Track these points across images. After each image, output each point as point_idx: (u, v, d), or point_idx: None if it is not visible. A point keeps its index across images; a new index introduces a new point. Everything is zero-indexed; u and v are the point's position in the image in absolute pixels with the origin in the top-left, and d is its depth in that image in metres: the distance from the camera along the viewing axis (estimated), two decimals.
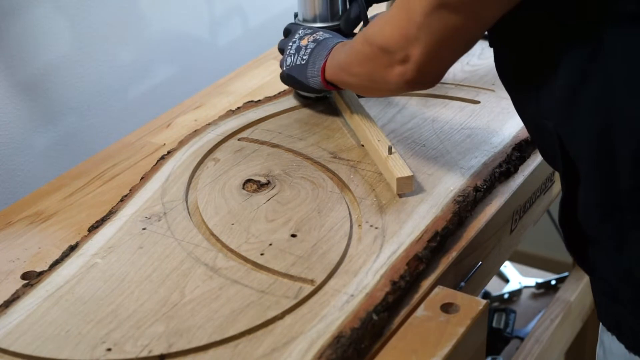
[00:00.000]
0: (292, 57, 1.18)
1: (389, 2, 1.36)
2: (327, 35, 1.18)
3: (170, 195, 1.08)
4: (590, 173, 0.84)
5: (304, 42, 1.17)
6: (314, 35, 1.18)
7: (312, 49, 1.15)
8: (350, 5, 1.25)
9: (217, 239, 0.98)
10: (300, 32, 1.20)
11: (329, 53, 1.12)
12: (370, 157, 1.14)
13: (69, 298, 0.90)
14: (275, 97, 1.34)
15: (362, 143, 1.17)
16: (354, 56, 1.02)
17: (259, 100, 1.32)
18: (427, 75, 0.93)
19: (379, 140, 1.12)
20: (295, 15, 1.30)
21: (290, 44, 1.20)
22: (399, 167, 1.06)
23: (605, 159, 0.81)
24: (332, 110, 1.29)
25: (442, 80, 1.36)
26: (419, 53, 0.89)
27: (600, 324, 0.94)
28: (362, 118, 1.18)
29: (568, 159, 0.85)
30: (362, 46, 0.98)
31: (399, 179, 1.04)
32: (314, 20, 1.26)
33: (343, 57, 1.07)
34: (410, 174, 1.05)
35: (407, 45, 0.89)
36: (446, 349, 0.83)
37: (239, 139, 1.21)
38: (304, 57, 1.16)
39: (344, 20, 1.25)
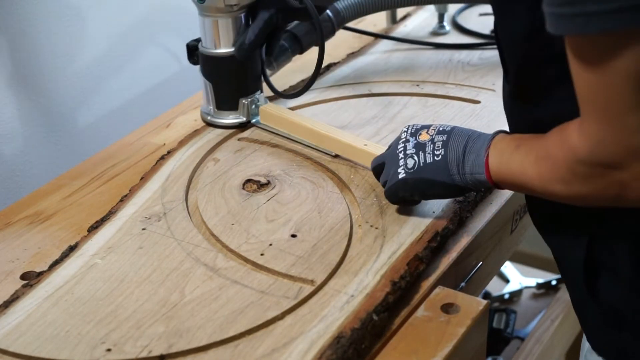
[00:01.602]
0: (416, 157, 0.96)
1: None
2: (446, 125, 0.98)
3: (170, 195, 1.07)
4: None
5: (424, 137, 0.97)
6: (432, 127, 0.98)
7: (446, 142, 0.95)
8: (247, 28, 1.19)
9: (217, 239, 0.98)
10: (403, 134, 1.00)
11: (488, 148, 0.91)
12: (363, 162, 1.11)
13: (69, 298, 0.90)
14: (276, 97, 1.34)
15: (335, 153, 1.14)
16: (556, 175, 0.82)
17: None
18: None
19: (365, 145, 1.11)
20: (198, 42, 1.23)
21: (400, 147, 0.98)
22: None
23: None
24: (331, 110, 1.29)
25: (443, 80, 1.37)
26: None
27: (587, 346, 0.93)
28: (325, 130, 1.16)
29: None
30: (570, 165, 0.79)
31: None
32: (217, 46, 1.19)
33: (529, 170, 0.85)
34: None
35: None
36: (446, 350, 0.83)
37: (239, 139, 1.21)
38: (437, 152, 0.95)
39: (238, 47, 1.18)
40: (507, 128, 0.97)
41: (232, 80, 1.22)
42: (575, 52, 0.71)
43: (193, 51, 1.24)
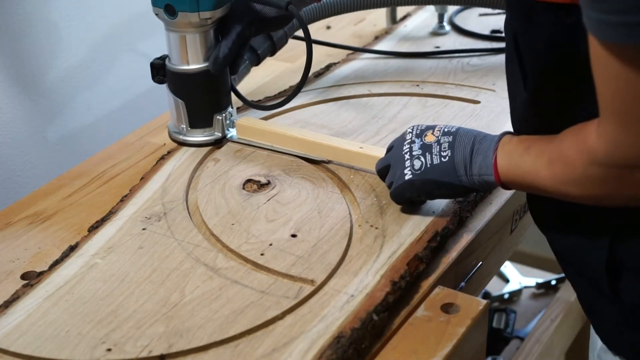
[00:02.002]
0: (423, 159, 0.96)
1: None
2: (450, 125, 0.99)
3: (170, 195, 1.08)
4: None
5: (430, 139, 0.97)
6: (437, 129, 0.98)
7: (452, 143, 0.95)
8: (220, 42, 1.15)
9: (217, 239, 0.98)
10: (408, 135, 1.00)
11: (496, 149, 0.92)
12: (360, 165, 1.11)
13: (69, 298, 0.90)
14: (275, 97, 1.34)
15: (328, 160, 1.13)
16: (571, 178, 0.82)
17: (259, 100, 1.33)
18: None
19: (361, 148, 1.10)
20: (164, 58, 1.18)
21: (406, 148, 0.99)
22: None
23: None
24: (331, 110, 1.29)
25: (443, 81, 1.37)
26: None
27: (599, 345, 0.93)
28: (315, 137, 1.14)
29: None
30: (587, 168, 0.79)
31: None
32: (188, 63, 1.15)
33: (542, 173, 0.86)
34: None
35: None
36: (446, 349, 0.83)
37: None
38: (444, 154, 0.95)
39: (212, 61, 1.14)
40: (506, 128, 0.97)
41: (206, 96, 1.18)
42: (609, 57, 0.71)
43: (159, 70, 1.17)
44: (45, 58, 1.33)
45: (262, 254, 0.95)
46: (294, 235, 0.99)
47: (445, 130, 0.97)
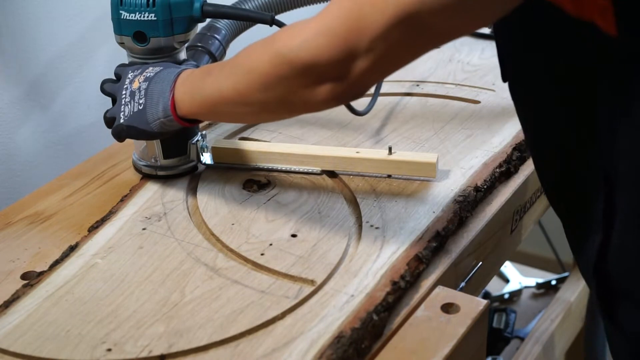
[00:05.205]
0: (130, 106, 1.02)
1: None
2: (157, 68, 1.03)
3: (170, 195, 1.08)
4: (631, 217, 0.78)
5: (135, 85, 1.02)
6: (143, 73, 1.02)
7: (146, 89, 1.00)
8: (189, 63, 1.09)
9: (217, 239, 0.98)
10: (129, 75, 1.04)
11: (173, 87, 0.98)
12: (359, 170, 1.10)
13: (69, 298, 0.90)
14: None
15: (321, 170, 1.10)
16: (255, 80, 0.86)
17: None
18: (360, 90, 0.83)
19: (357, 152, 1.10)
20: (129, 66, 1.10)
21: (123, 91, 1.04)
22: (421, 156, 1.07)
23: None
24: (331, 110, 1.29)
25: (443, 80, 1.37)
26: (363, 67, 0.78)
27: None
28: (307, 149, 1.11)
29: (611, 202, 0.79)
30: (272, 67, 0.83)
31: (434, 162, 1.06)
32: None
33: (223, 85, 0.90)
34: (435, 155, 1.07)
35: (349, 59, 0.78)
36: (446, 349, 0.83)
37: (239, 139, 1.21)
38: (140, 101, 1.01)
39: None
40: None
41: None
42: None
43: None
44: (45, 58, 1.33)
45: (262, 254, 0.95)
46: (294, 235, 0.99)
47: (147, 75, 1.02)
